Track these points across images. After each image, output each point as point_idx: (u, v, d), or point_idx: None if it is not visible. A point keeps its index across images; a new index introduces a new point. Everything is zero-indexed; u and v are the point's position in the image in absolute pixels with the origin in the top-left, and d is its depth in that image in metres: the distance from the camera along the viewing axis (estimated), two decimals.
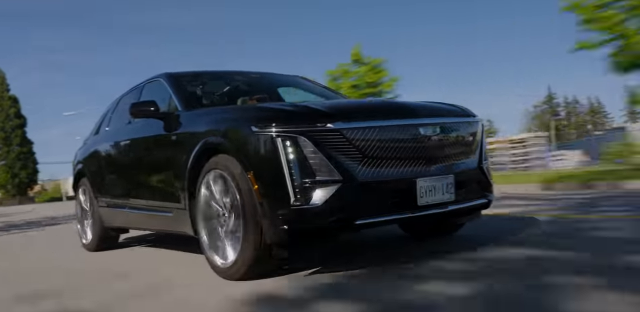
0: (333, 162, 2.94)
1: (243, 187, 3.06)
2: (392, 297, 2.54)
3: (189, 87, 4.39)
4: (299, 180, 2.91)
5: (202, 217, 3.51)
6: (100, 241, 5.41)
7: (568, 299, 2.26)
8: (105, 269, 4.26)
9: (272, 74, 5.19)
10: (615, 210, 5.43)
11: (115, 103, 5.70)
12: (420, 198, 3.12)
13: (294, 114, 3.09)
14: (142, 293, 3.18)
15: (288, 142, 2.93)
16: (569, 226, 4.42)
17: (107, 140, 5.20)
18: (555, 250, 3.34)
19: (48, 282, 3.84)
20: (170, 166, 3.83)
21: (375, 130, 3.06)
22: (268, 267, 3.22)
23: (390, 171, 3.07)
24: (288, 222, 2.92)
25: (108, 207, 5.12)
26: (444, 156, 3.30)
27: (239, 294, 2.87)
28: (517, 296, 2.39)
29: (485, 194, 3.61)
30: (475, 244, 3.73)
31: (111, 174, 5.01)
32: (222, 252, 3.33)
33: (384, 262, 3.40)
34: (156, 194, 4.14)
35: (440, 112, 3.48)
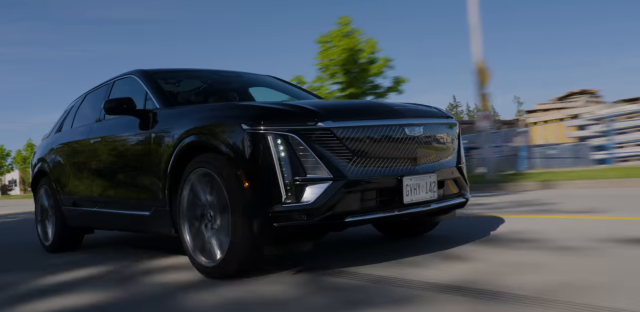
0: (323, 161, 2.99)
1: (232, 185, 3.06)
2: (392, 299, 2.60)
3: (164, 84, 4.33)
4: (290, 178, 2.94)
5: (185, 216, 3.47)
6: (62, 242, 5.23)
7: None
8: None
9: (244, 73, 5.17)
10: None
11: (80, 100, 5.54)
12: (406, 196, 3.20)
13: (285, 113, 3.11)
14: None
15: (279, 140, 2.95)
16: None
17: (73, 137, 5.05)
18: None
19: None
20: (148, 164, 3.77)
21: (364, 130, 3.12)
22: (256, 265, 3.23)
23: (378, 169, 3.14)
24: (279, 220, 2.94)
25: (74, 206, 4.97)
26: (427, 155, 3.40)
27: (230, 294, 2.87)
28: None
29: (463, 192, 3.73)
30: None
31: (78, 172, 4.86)
32: (207, 251, 3.31)
33: (369, 261, 3.45)
34: (131, 193, 4.06)
35: (423, 113, 3.58)
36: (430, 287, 2.64)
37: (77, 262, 4.41)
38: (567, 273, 2.73)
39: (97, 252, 4.98)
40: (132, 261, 4.21)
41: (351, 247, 4.11)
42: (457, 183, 3.69)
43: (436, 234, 4.28)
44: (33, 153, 6.18)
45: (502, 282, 2.62)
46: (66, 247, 5.27)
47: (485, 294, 2.44)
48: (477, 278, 2.74)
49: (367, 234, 4.58)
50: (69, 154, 5.05)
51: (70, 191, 5.01)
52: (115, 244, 5.58)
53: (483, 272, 2.87)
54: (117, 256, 4.60)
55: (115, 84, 4.83)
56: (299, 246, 3.14)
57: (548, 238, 3.80)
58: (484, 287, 2.54)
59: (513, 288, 2.48)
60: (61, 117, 5.87)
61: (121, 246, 5.37)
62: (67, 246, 5.28)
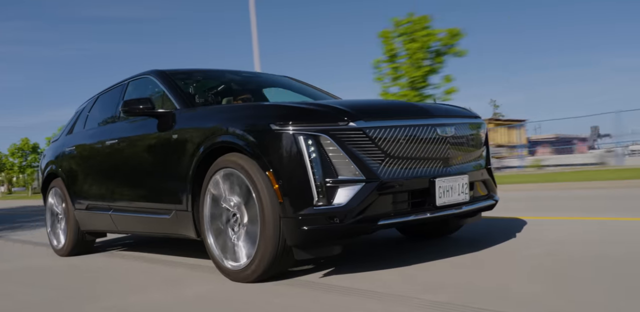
0: (355, 162, 2.90)
1: (261, 186, 2.97)
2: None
3: (182, 85, 4.24)
4: (322, 179, 2.85)
5: (209, 219, 3.38)
6: (74, 246, 5.13)
7: None
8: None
9: (261, 73, 5.10)
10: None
11: (92, 101, 5.44)
12: (439, 198, 3.11)
13: (316, 112, 3.03)
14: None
15: (310, 141, 2.87)
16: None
17: (87, 139, 4.95)
18: None
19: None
20: (169, 165, 3.68)
21: (397, 130, 3.04)
22: (284, 269, 3.14)
23: (410, 170, 3.06)
24: (310, 223, 2.85)
25: (87, 209, 4.87)
26: (458, 156, 3.31)
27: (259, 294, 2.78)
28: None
29: (492, 194, 3.65)
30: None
31: (92, 175, 4.76)
32: (232, 254, 3.23)
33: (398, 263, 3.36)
34: (150, 196, 3.96)
35: (453, 112, 3.50)
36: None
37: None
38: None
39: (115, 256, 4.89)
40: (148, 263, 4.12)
41: (377, 249, 4.02)
42: (486, 185, 3.60)
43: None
44: (42, 155, 6.08)
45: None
46: (78, 252, 5.17)
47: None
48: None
49: (385, 237, 4.49)
50: (82, 156, 4.95)
51: (84, 194, 4.90)
52: (126, 248, 5.48)
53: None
54: (132, 259, 4.51)
55: (130, 85, 4.74)
56: (329, 249, 3.05)
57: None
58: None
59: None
60: (72, 119, 5.76)
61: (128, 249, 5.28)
62: (80, 250, 5.18)
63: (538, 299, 2.35)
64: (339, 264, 3.50)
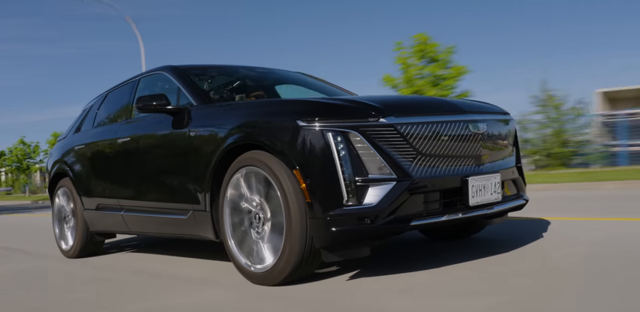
0: (386, 159, 2.77)
1: (286, 185, 2.83)
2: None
3: (197, 80, 4.10)
4: (351, 178, 2.72)
5: (229, 219, 3.25)
6: (83, 247, 4.99)
7: None
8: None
9: (276, 69, 4.96)
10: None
11: (100, 99, 5.30)
12: (472, 198, 2.98)
13: (345, 108, 2.89)
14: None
15: (339, 138, 2.73)
16: None
17: (96, 137, 4.80)
18: None
19: None
20: (186, 163, 3.54)
21: (429, 126, 2.91)
22: (310, 271, 3.00)
23: (443, 168, 2.93)
24: (339, 224, 2.72)
25: (97, 210, 4.73)
26: (490, 153, 3.18)
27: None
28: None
29: (521, 194, 3.52)
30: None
31: (103, 174, 4.62)
32: (256, 256, 3.09)
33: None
34: (165, 195, 3.82)
35: (484, 109, 3.37)
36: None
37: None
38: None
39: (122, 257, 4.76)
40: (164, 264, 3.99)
41: (400, 251, 3.89)
42: (516, 184, 3.47)
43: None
44: (49, 154, 5.93)
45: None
46: (87, 253, 5.04)
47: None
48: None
49: (403, 238, 4.36)
50: (92, 155, 4.80)
51: (94, 194, 4.75)
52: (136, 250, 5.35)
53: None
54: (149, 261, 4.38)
55: (141, 82, 4.60)
56: (357, 251, 2.91)
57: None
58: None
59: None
60: (79, 117, 5.62)
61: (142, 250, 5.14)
62: (88, 251, 5.04)
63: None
64: (367, 265, 3.36)
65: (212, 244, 3.72)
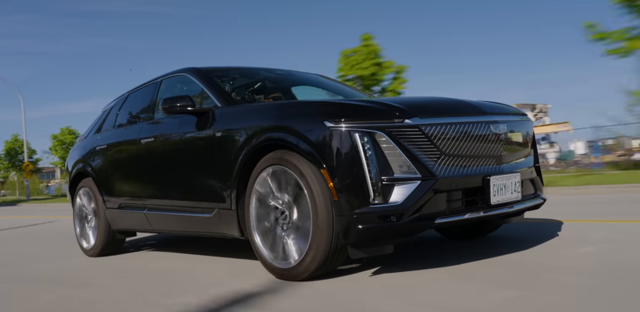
0: (411, 159, 2.86)
1: (314, 184, 2.93)
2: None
3: (220, 82, 4.20)
4: (378, 177, 2.81)
5: (255, 217, 3.34)
6: (106, 245, 5.09)
7: None
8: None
9: (294, 71, 5.05)
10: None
11: (122, 100, 5.40)
12: (493, 197, 3.07)
13: (370, 110, 2.99)
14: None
15: (366, 138, 2.83)
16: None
17: (119, 138, 4.90)
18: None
19: None
20: (212, 163, 3.64)
21: (452, 127, 3.00)
22: (335, 267, 3.09)
23: (465, 168, 3.02)
24: (365, 221, 2.81)
25: (119, 208, 4.83)
26: (511, 153, 3.27)
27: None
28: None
29: (539, 193, 3.60)
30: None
31: (126, 173, 4.72)
32: (281, 253, 3.18)
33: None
34: (190, 194, 3.92)
35: (503, 110, 3.46)
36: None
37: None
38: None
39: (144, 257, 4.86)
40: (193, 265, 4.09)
41: (417, 249, 3.97)
42: (534, 183, 3.56)
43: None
44: (70, 154, 6.03)
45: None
46: (109, 251, 5.14)
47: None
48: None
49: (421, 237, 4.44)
50: (115, 155, 4.90)
51: (116, 193, 4.86)
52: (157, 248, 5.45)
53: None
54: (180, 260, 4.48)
55: (164, 83, 4.70)
56: (382, 248, 3.01)
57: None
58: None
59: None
60: (99, 118, 5.73)
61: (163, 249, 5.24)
62: (110, 250, 5.14)
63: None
64: (390, 261, 3.45)
65: (231, 242, 3.80)
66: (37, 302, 3.21)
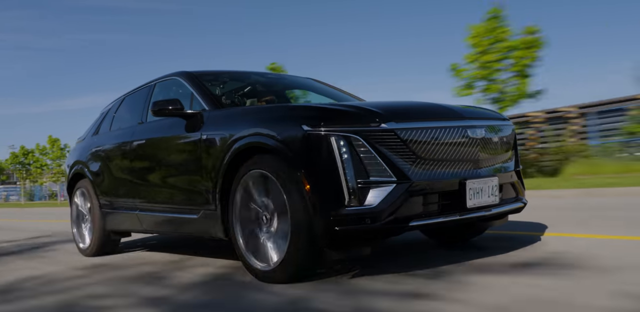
0: (387, 163, 2.91)
1: (292, 187, 2.99)
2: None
3: (209, 86, 4.28)
4: (353, 180, 2.86)
5: (238, 219, 3.41)
6: (101, 246, 5.18)
7: None
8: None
9: (286, 75, 5.13)
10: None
11: (118, 102, 5.50)
12: (469, 200, 3.11)
13: (347, 114, 3.04)
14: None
15: (342, 142, 2.88)
16: None
17: (113, 140, 5.00)
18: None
19: None
20: (197, 166, 3.71)
21: (428, 131, 3.05)
22: (314, 270, 3.15)
23: (441, 172, 3.06)
24: (341, 224, 2.86)
25: (114, 209, 4.92)
26: (489, 158, 3.32)
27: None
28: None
29: (520, 197, 3.64)
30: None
31: (120, 175, 4.82)
32: (262, 255, 3.25)
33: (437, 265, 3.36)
34: (178, 196, 4.00)
35: (483, 114, 3.50)
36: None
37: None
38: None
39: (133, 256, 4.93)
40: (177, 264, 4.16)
41: (403, 250, 4.02)
42: (515, 187, 3.59)
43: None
44: (68, 156, 6.15)
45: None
46: (104, 251, 5.23)
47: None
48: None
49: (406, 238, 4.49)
50: (109, 157, 5.00)
51: (111, 194, 4.96)
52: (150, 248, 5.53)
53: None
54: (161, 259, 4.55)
55: (157, 86, 4.79)
56: (359, 250, 3.06)
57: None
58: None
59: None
60: (97, 120, 5.83)
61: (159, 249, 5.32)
62: (105, 250, 5.23)
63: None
64: (370, 265, 3.50)
65: (221, 242, 3.87)
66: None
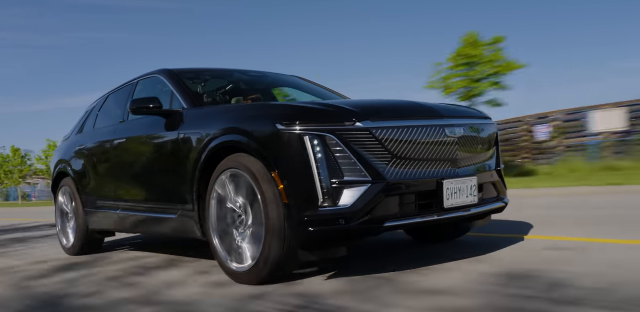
0: (362, 162, 2.86)
1: (266, 187, 2.94)
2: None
3: (190, 84, 4.22)
4: (327, 180, 2.81)
5: (215, 220, 3.36)
6: (84, 245, 5.14)
7: None
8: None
9: (270, 73, 5.07)
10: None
11: (102, 100, 5.45)
12: (447, 200, 3.06)
13: (322, 112, 2.99)
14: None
15: (316, 141, 2.83)
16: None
17: (96, 139, 4.95)
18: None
19: None
20: (175, 165, 3.66)
21: (404, 130, 2.99)
22: (289, 271, 3.10)
23: (418, 171, 3.01)
24: (315, 225, 2.82)
25: (96, 209, 4.88)
26: (468, 157, 3.26)
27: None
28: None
29: (501, 197, 3.59)
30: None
31: (101, 174, 4.77)
32: (237, 256, 3.20)
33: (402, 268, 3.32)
34: (157, 195, 3.96)
35: (463, 113, 3.44)
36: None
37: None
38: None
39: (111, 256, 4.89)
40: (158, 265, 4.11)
41: (382, 251, 3.97)
42: (496, 187, 3.54)
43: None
44: (54, 154, 6.11)
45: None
46: (87, 251, 5.18)
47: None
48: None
49: (392, 238, 4.44)
50: (91, 156, 4.96)
51: (93, 193, 4.91)
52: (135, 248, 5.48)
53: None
54: (140, 258, 4.51)
55: (139, 84, 4.74)
56: (334, 251, 3.01)
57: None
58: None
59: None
60: (82, 118, 5.78)
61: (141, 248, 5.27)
62: (88, 249, 5.19)
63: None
64: (347, 265, 3.46)
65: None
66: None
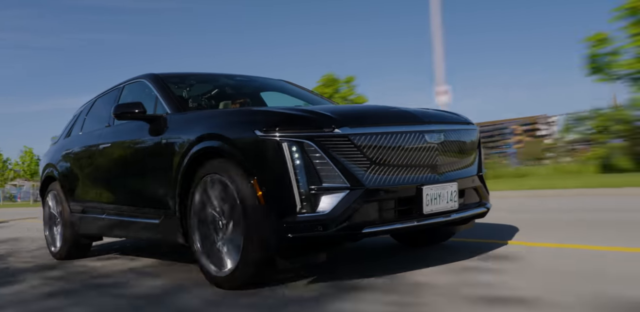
0: (340, 169, 2.86)
1: (245, 193, 2.94)
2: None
3: (175, 89, 4.23)
4: (305, 187, 2.82)
5: (196, 224, 3.36)
6: (71, 249, 5.13)
7: None
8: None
9: (257, 77, 5.07)
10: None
11: (89, 104, 5.45)
12: (426, 206, 3.06)
13: (300, 119, 2.99)
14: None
15: (294, 148, 2.83)
16: None
17: (82, 143, 4.95)
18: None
19: None
20: (158, 170, 3.66)
21: (383, 136, 2.99)
22: (268, 276, 3.10)
23: (397, 177, 3.01)
24: (293, 231, 2.82)
25: (83, 213, 4.87)
26: (448, 163, 3.26)
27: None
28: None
29: (484, 202, 3.59)
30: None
31: (87, 178, 4.77)
32: (217, 261, 3.20)
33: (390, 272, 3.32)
34: (140, 200, 3.95)
35: (443, 118, 3.44)
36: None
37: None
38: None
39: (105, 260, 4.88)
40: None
41: (366, 255, 3.97)
42: (478, 192, 3.55)
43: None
44: (42, 158, 6.11)
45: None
46: (74, 255, 5.18)
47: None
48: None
49: (378, 242, 4.44)
50: (77, 160, 4.96)
51: (79, 198, 4.91)
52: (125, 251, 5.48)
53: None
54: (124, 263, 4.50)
55: (125, 88, 4.74)
56: (313, 257, 3.02)
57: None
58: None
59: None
60: (70, 122, 5.78)
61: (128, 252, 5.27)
62: (76, 254, 5.18)
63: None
64: (328, 271, 3.46)
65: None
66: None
